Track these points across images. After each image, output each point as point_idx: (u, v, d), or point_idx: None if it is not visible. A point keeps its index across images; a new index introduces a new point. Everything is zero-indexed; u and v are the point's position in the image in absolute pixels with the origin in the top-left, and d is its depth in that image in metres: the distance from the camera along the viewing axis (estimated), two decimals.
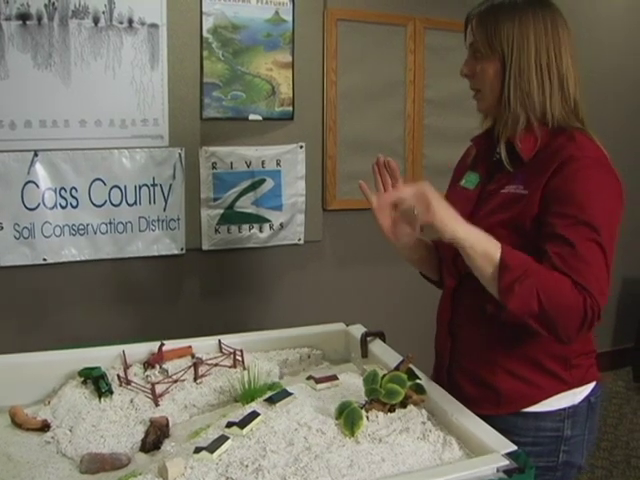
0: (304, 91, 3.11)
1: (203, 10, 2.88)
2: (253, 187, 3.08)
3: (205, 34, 2.89)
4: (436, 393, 1.50)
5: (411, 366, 1.49)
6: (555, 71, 1.49)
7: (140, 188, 2.86)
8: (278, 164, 3.09)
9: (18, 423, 1.57)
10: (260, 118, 3.02)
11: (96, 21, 2.70)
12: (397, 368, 1.47)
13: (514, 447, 1.27)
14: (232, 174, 3.03)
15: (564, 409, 1.52)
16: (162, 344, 1.71)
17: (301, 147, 3.11)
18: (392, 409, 1.40)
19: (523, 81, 1.48)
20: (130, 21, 2.75)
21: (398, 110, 3.42)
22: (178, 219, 2.95)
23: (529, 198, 1.44)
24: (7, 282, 2.74)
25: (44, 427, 1.55)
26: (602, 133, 1.48)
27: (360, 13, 3.27)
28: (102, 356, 1.71)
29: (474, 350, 1.58)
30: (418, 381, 1.49)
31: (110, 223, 2.82)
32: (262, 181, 3.09)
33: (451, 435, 1.37)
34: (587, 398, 1.55)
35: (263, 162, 3.07)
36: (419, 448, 1.32)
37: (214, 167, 3.00)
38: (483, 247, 1.35)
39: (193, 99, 2.92)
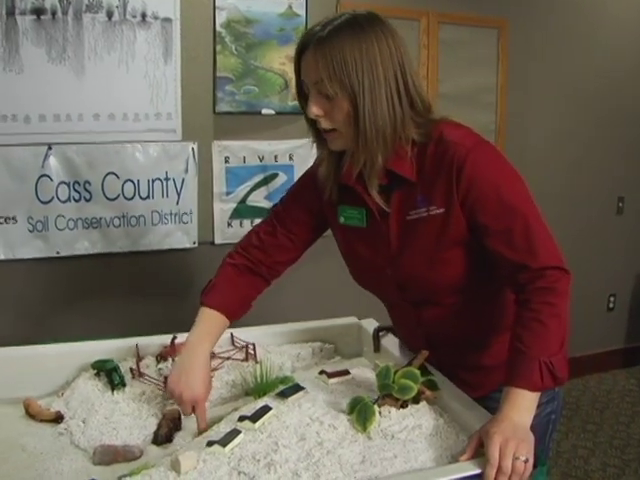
0: None
1: (216, 4, 2.88)
2: (265, 181, 3.08)
3: (218, 28, 2.89)
4: (449, 389, 1.49)
5: (424, 362, 1.49)
6: (404, 93, 1.41)
7: (153, 182, 2.86)
8: (291, 158, 3.09)
9: (32, 414, 1.58)
10: (273, 112, 3.02)
11: (110, 15, 2.70)
12: (410, 364, 1.46)
13: None
14: (245, 168, 3.03)
15: None
16: (175, 337, 1.71)
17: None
18: (405, 405, 1.39)
19: (377, 117, 1.39)
20: (143, 15, 2.75)
21: None
22: (191, 213, 2.95)
23: (450, 214, 1.43)
24: (21, 274, 2.75)
25: (57, 418, 1.56)
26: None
27: (373, 7, 3.24)
28: (115, 349, 1.72)
29: (456, 345, 1.59)
30: (431, 377, 1.48)
31: (123, 217, 2.83)
32: (275, 175, 3.09)
33: (464, 431, 1.36)
34: None
35: (276, 156, 3.07)
36: (432, 445, 1.32)
37: (227, 161, 3.00)
38: (533, 398, 1.32)
39: (206, 93, 2.92)
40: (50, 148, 2.68)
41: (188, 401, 1.49)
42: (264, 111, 3.02)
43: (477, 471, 1.21)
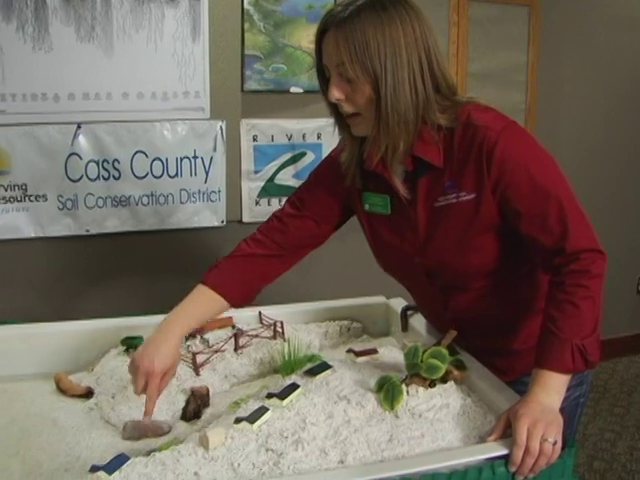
0: None
1: None
2: (294, 160, 3.07)
3: (246, 6, 2.87)
4: (477, 370, 1.49)
5: (452, 342, 1.48)
6: (428, 76, 1.38)
7: (181, 160, 2.86)
8: (319, 137, 3.08)
9: (63, 389, 1.61)
10: (301, 91, 3.01)
11: None
12: (438, 343, 1.46)
13: None
14: (273, 147, 3.03)
15: None
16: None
17: None
18: (432, 384, 1.38)
19: (399, 102, 1.35)
20: None
21: None
22: (219, 191, 2.96)
23: (481, 200, 1.41)
24: (51, 252, 2.78)
25: (88, 394, 1.58)
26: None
27: None
28: (144, 325, 1.73)
29: (485, 329, 1.57)
30: (459, 357, 1.48)
31: (152, 195, 2.84)
32: (303, 154, 3.08)
33: (491, 412, 1.36)
34: None
35: (304, 135, 3.06)
36: (459, 424, 1.32)
37: (255, 140, 2.99)
38: (563, 381, 1.32)
39: (234, 72, 2.91)
40: (79, 127, 2.70)
41: (142, 373, 1.41)
42: (292, 89, 3.00)
43: (504, 452, 1.21)
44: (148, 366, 1.42)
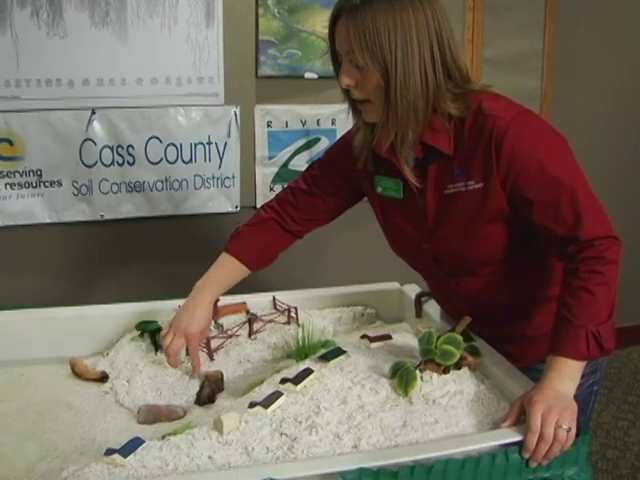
0: None
1: None
2: (308, 146, 3.06)
3: None
4: (491, 356, 1.49)
5: (467, 328, 1.48)
6: (440, 65, 1.36)
7: (195, 146, 2.86)
8: (333, 123, 3.06)
9: (78, 373, 1.62)
10: (316, 76, 2.99)
11: None
12: (453, 329, 1.46)
13: None
14: (287, 132, 3.02)
15: None
16: (217, 300, 1.73)
17: None
18: (446, 370, 1.38)
19: (409, 90, 1.34)
20: None
21: None
22: (233, 177, 2.95)
23: (489, 190, 1.40)
24: (66, 238, 2.79)
25: (103, 378, 1.59)
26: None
27: None
28: (158, 310, 1.74)
29: (497, 316, 1.57)
30: (473, 343, 1.47)
31: (166, 180, 2.84)
32: (317, 140, 3.07)
33: (505, 398, 1.35)
34: None
35: (318, 121, 3.05)
36: (473, 410, 1.32)
37: (269, 125, 2.99)
38: (578, 368, 1.31)
39: (248, 57, 2.90)
40: (94, 112, 2.70)
41: (180, 333, 1.56)
42: (307, 75, 2.99)
43: (518, 438, 1.21)
44: (185, 328, 1.57)
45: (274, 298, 1.84)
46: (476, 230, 1.44)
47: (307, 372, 1.38)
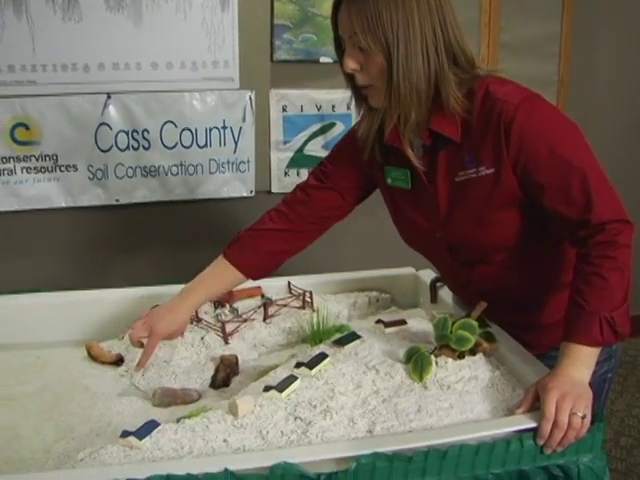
0: None
1: None
2: (323, 130, 3.05)
3: None
4: (506, 342, 1.48)
5: (482, 314, 1.47)
6: (443, 48, 1.37)
7: (210, 130, 2.86)
8: (348, 108, 3.04)
9: (94, 357, 1.63)
10: (331, 61, 2.97)
11: None
12: (468, 315, 1.45)
13: None
14: (302, 117, 3.01)
15: None
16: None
17: None
18: (461, 356, 1.38)
19: (411, 72, 1.35)
20: None
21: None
22: (248, 162, 2.95)
23: (501, 175, 1.39)
24: (82, 222, 2.80)
25: (118, 361, 1.60)
26: None
27: None
28: (173, 293, 1.73)
29: (510, 303, 1.56)
30: (489, 329, 1.47)
31: (181, 165, 2.84)
32: (332, 125, 3.06)
33: (520, 385, 1.35)
34: None
35: (333, 106, 3.04)
36: (488, 396, 1.31)
37: (284, 110, 2.98)
38: (592, 354, 1.30)
39: (264, 41, 2.89)
40: (109, 97, 2.70)
41: (146, 326, 1.56)
42: (322, 59, 2.98)
43: (532, 424, 1.21)
44: (153, 324, 1.56)
45: (289, 283, 1.85)
46: (489, 216, 1.43)
47: (322, 356, 1.38)
